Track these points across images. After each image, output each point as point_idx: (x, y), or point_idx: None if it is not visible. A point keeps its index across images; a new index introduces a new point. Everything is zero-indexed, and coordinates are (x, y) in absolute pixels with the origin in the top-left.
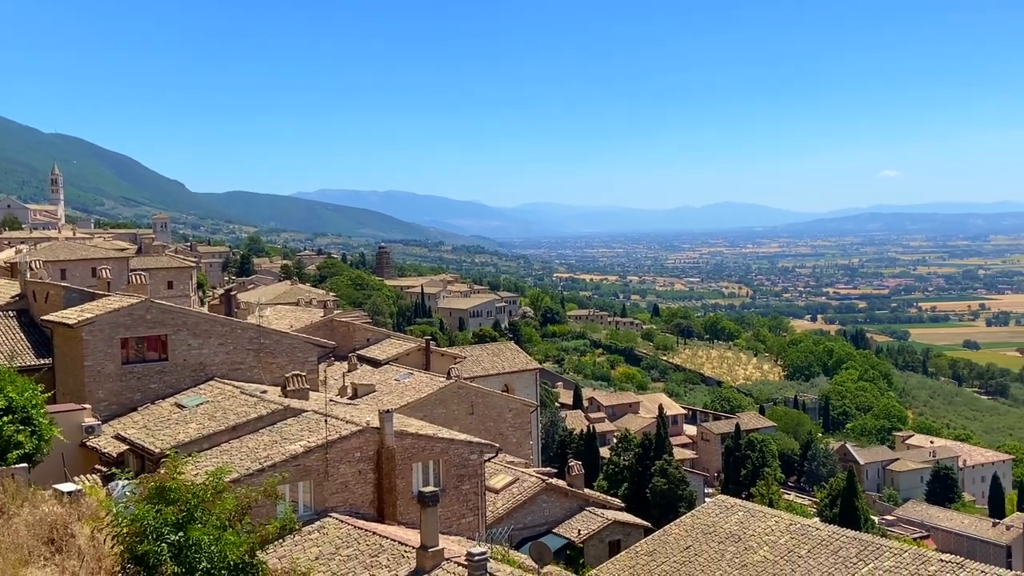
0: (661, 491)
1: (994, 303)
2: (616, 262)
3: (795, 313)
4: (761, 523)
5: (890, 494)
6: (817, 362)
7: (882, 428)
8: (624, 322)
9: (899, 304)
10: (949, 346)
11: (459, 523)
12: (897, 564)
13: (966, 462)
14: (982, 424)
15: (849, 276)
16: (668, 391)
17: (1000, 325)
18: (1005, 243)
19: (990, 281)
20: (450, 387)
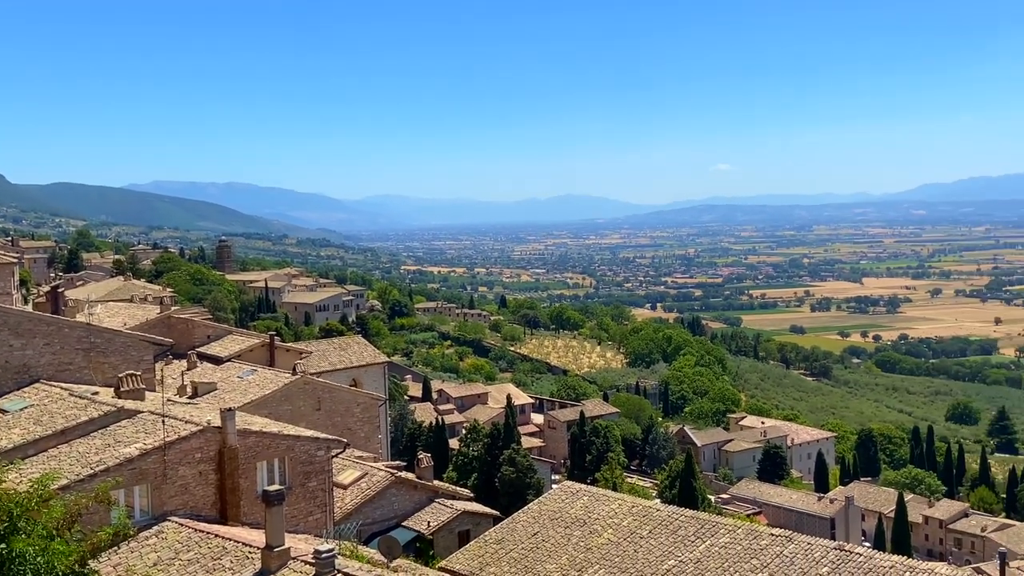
0: (510, 480)
1: (817, 289)
2: (464, 254)
3: (636, 302)
4: (605, 507)
5: (725, 473)
6: (657, 349)
7: (717, 411)
8: (472, 314)
9: (732, 292)
10: (778, 331)
11: (306, 521)
12: (732, 540)
13: (794, 441)
14: (808, 404)
15: (686, 266)
16: (516, 381)
17: (823, 310)
18: (826, 233)
19: (814, 269)
20: (296, 383)
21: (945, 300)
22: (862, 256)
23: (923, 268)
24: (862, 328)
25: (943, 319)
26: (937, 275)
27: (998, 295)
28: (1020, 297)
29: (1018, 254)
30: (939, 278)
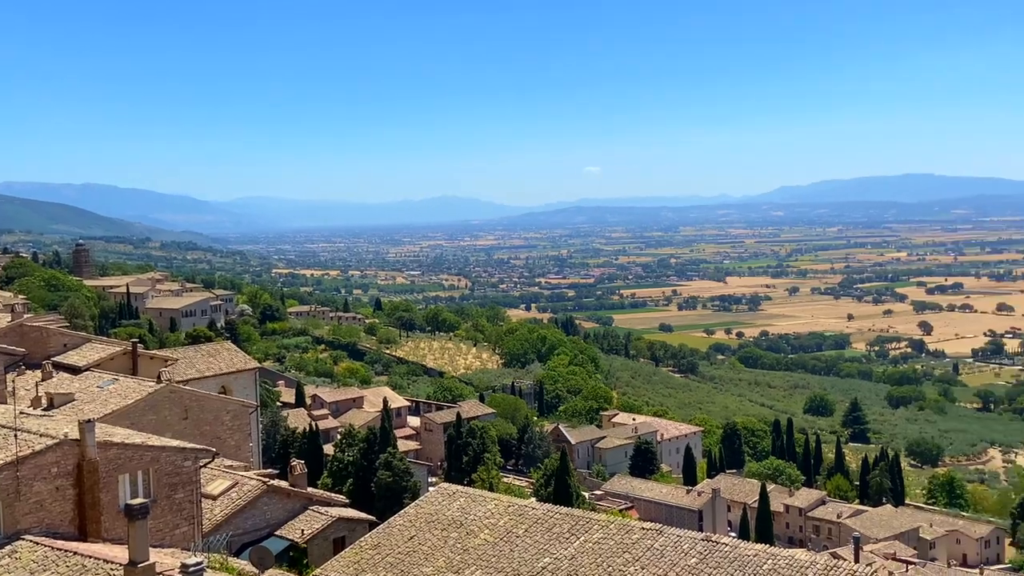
0: (386, 484)
1: (684, 289)
2: (338, 257)
3: (511, 303)
4: (482, 507)
5: (599, 470)
6: (532, 349)
7: (591, 409)
8: (347, 317)
9: (604, 292)
10: (647, 329)
11: (173, 534)
12: (604, 536)
13: (663, 436)
14: (676, 400)
15: (559, 267)
16: (392, 384)
17: (690, 309)
18: (692, 234)
19: (680, 269)
20: (161, 392)
21: (802, 298)
22: (725, 256)
23: (782, 267)
24: (726, 325)
25: (800, 316)
26: (794, 274)
27: (850, 292)
28: (869, 294)
29: (867, 253)
30: (796, 277)
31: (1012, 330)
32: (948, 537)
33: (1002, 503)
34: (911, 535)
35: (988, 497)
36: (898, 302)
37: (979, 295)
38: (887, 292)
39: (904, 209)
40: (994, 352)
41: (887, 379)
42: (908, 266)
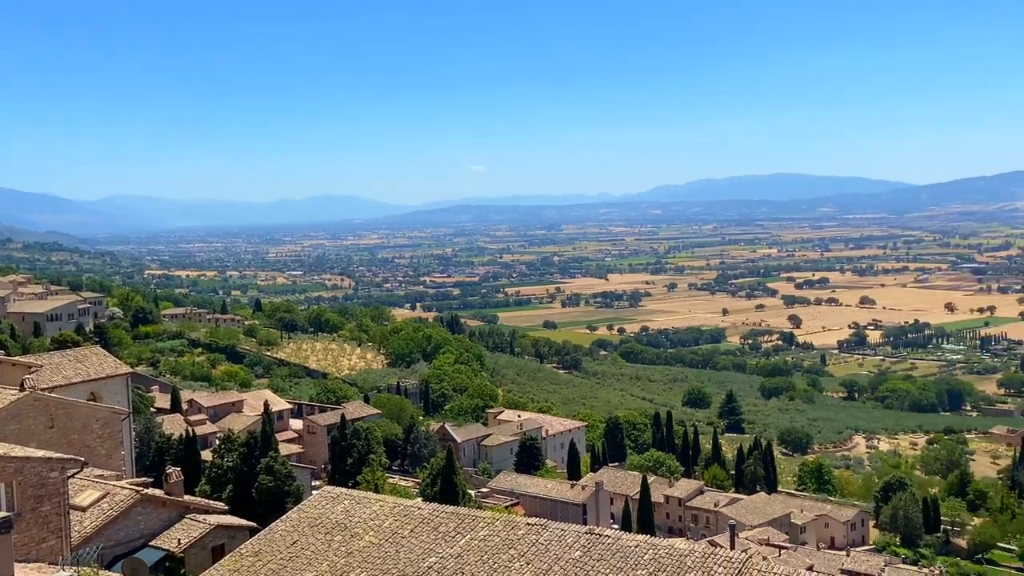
0: (267, 489)
1: (567, 286)
2: (215, 257)
3: (396, 302)
4: (366, 509)
5: (485, 468)
6: (417, 348)
7: (477, 407)
8: (225, 319)
9: (488, 290)
10: (532, 327)
11: (39, 548)
12: (490, 533)
13: (548, 432)
14: (561, 396)
15: (444, 265)
16: (273, 387)
17: (573, 306)
18: (575, 232)
19: (564, 267)
20: (24, 400)
21: (680, 294)
22: (607, 253)
23: (660, 264)
24: (608, 322)
25: (678, 311)
26: (673, 270)
27: (725, 288)
28: (743, 290)
29: (741, 250)
30: (674, 273)
31: (874, 322)
32: (817, 521)
33: (866, 487)
34: (783, 521)
35: (853, 482)
36: (770, 297)
37: (844, 289)
38: (759, 287)
39: (775, 207)
40: (858, 343)
41: (760, 371)
42: (779, 262)
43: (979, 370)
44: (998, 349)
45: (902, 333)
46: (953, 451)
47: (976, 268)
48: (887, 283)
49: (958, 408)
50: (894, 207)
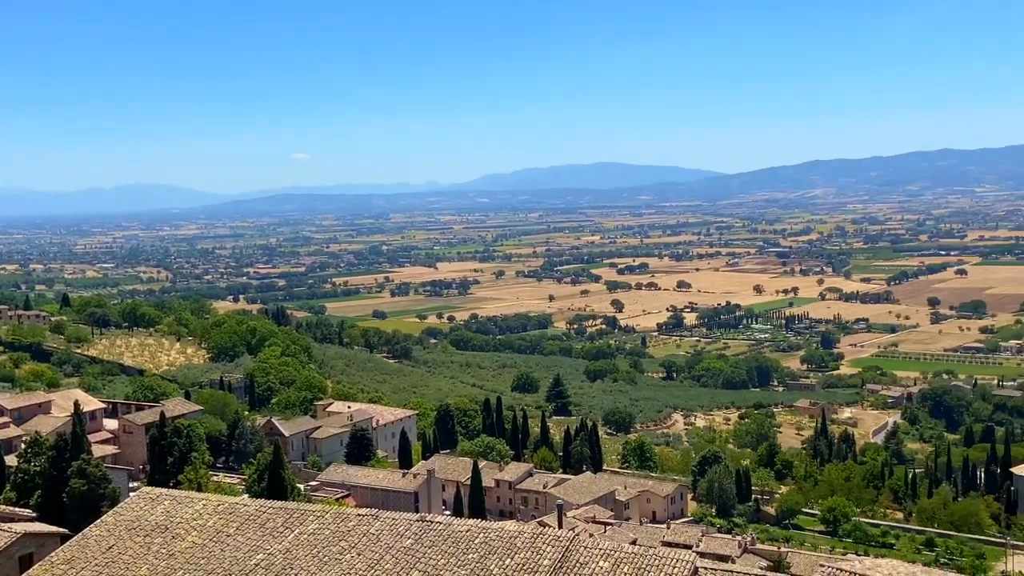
0: (80, 493)
1: (397, 275)
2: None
3: (218, 294)
4: (189, 509)
5: (314, 461)
6: (241, 342)
7: (305, 399)
8: (29, 315)
9: (315, 280)
10: (361, 317)
11: None
12: (320, 526)
13: (379, 422)
14: (391, 386)
15: (268, 256)
16: (84, 386)
17: (403, 295)
18: (403, 221)
19: (392, 256)
20: None
21: (508, 281)
22: (436, 242)
23: (488, 252)
24: (438, 310)
25: (506, 298)
26: (500, 258)
27: (551, 274)
28: (568, 276)
29: (565, 237)
30: (502, 261)
31: (690, 305)
32: (640, 497)
33: (684, 462)
34: (608, 498)
35: (673, 458)
36: (594, 282)
37: (662, 274)
38: (584, 273)
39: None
40: (675, 325)
41: (585, 355)
42: (602, 248)
43: (784, 348)
44: (801, 328)
45: (716, 315)
46: (762, 425)
47: (781, 252)
48: (701, 267)
49: (766, 384)
50: (707, 195)
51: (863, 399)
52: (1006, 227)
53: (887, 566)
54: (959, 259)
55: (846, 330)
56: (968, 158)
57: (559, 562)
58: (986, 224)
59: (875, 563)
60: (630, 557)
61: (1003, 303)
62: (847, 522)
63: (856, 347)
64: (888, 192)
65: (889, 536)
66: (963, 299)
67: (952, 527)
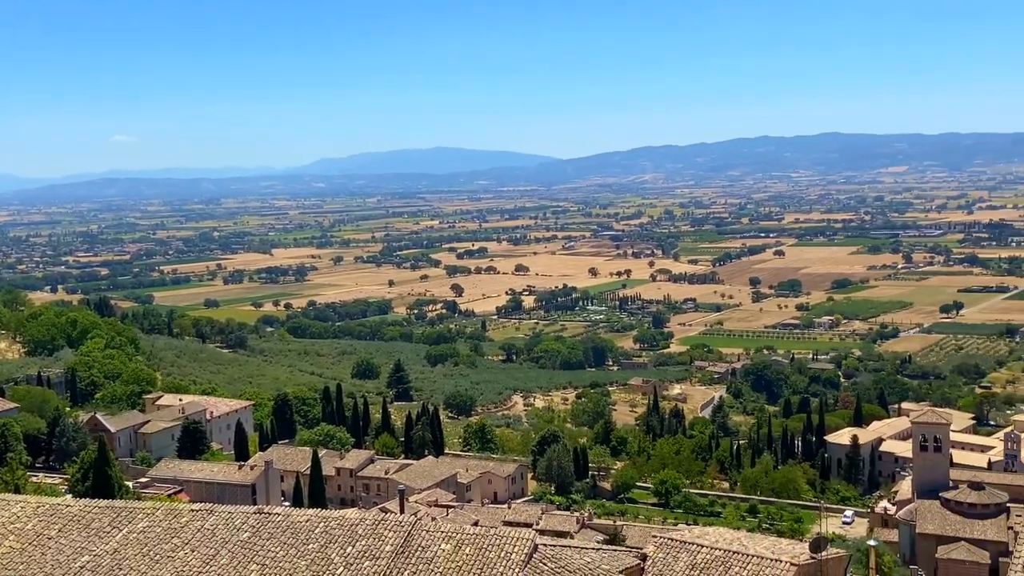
0: None
1: (230, 262)
2: None
3: (33, 285)
4: (5, 512)
5: (143, 457)
6: (61, 334)
7: (132, 393)
8: None
9: (142, 269)
10: (192, 306)
11: None
12: (151, 523)
13: (213, 414)
14: (226, 376)
15: (89, 243)
16: None
17: (236, 282)
18: (235, 206)
19: (225, 242)
20: None
21: (347, 266)
22: (270, 228)
23: (326, 237)
24: (274, 297)
25: (345, 284)
26: (338, 244)
27: (390, 260)
28: (408, 261)
29: (404, 222)
30: (340, 246)
31: (528, 288)
32: (481, 479)
33: (524, 443)
34: (450, 481)
35: (513, 439)
36: (433, 267)
37: (501, 258)
38: (423, 258)
39: (435, 180)
40: (514, 309)
41: (426, 339)
42: (441, 233)
43: (618, 328)
44: (634, 308)
45: (553, 297)
46: (598, 403)
47: (614, 235)
48: (539, 251)
49: (602, 364)
50: (543, 180)
51: (692, 375)
52: (819, 210)
53: (714, 533)
54: (777, 241)
55: (675, 310)
56: (785, 145)
57: (401, 547)
58: (801, 207)
59: (703, 531)
60: (471, 538)
61: (816, 282)
62: (678, 494)
63: (685, 326)
64: (712, 177)
65: (716, 505)
66: (781, 278)
67: (773, 494)
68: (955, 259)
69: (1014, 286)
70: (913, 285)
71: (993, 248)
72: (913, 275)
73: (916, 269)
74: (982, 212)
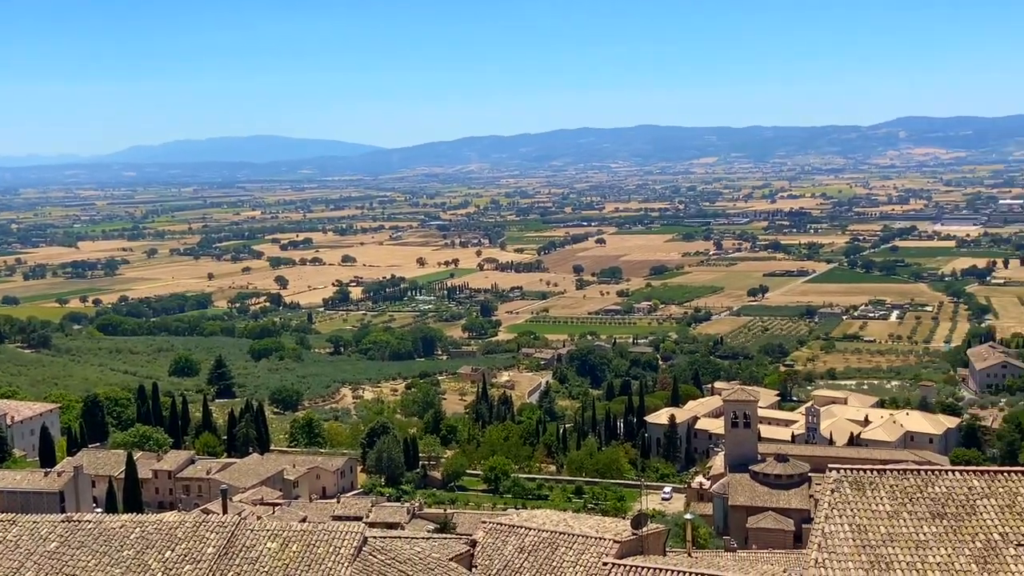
0: None
1: (30, 256)
2: None
3: None
4: None
5: None
6: None
7: None
8: None
9: None
10: None
11: None
12: None
13: (15, 419)
14: (28, 378)
15: None
16: None
17: (38, 278)
18: (36, 197)
19: (24, 235)
20: None
21: (161, 259)
22: (75, 219)
23: (138, 229)
24: (81, 293)
25: (161, 278)
26: (152, 236)
27: (209, 252)
28: (228, 253)
29: (224, 213)
30: (154, 239)
31: (356, 279)
32: (309, 474)
33: (354, 435)
34: (277, 478)
35: (342, 432)
36: (256, 259)
37: (327, 249)
38: (245, 250)
39: (256, 169)
40: (342, 300)
41: (249, 334)
42: (263, 224)
43: (447, 317)
44: (462, 298)
45: (381, 288)
46: (428, 393)
47: (441, 225)
48: (366, 241)
49: (431, 353)
50: (369, 169)
51: (519, 362)
52: (637, 199)
53: (541, 516)
54: (599, 229)
55: (503, 298)
56: (604, 136)
57: (224, 548)
58: (620, 197)
59: (531, 514)
60: (298, 535)
61: (635, 268)
62: (507, 479)
63: (512, 314)
64: (536, 167)
65: (544, 488)
66: (603, 266)
67: (597, 474)
68: (760, 245)
69: (812, 270)
70: (723, 270)
71: (794, 235)
72: (723, 261)
73: (726, 255)
74: (784, 201)
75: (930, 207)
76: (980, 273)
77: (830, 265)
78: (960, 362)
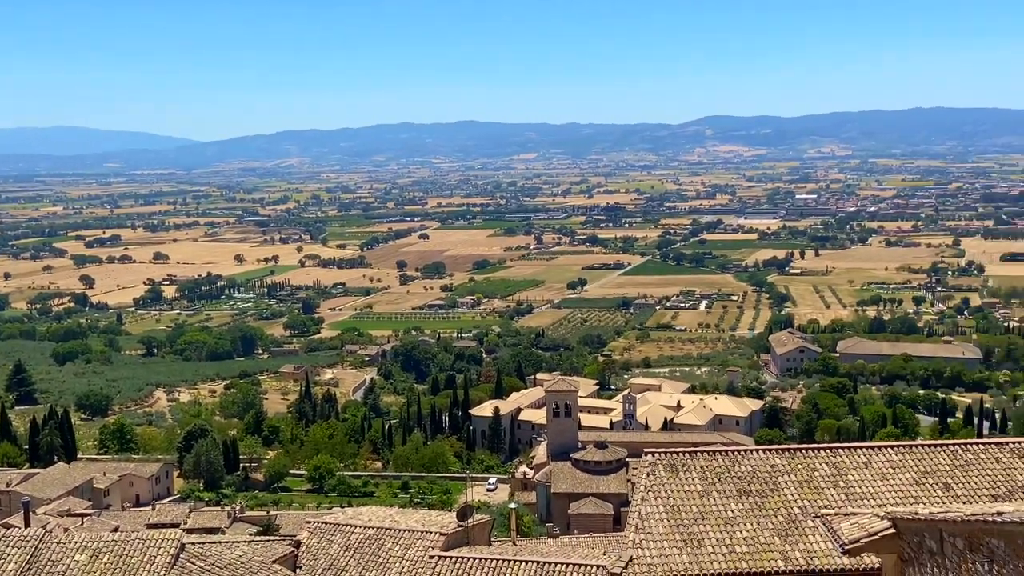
0: None
1: None
2: None
3: None
4: None
5: None
6: None
7: None
8: None
9: None
10: None
11: None
12: None
13: None
14: None
15: None
16: None
17: None
18: None
19: None
20: None
21: None
22: None
23: None
24: None
25: None
26: None
27: (5, 250)
28: (27, 251)
29: (22, 208)
30: None
31: (169, 277)
32: (121, 482)
33: (169, 440)
34: (85, 487)
35: (157, 436)
36: (58, 257)
37: (137, 246)
38: (45, 248)
39: (57, 162)
40: (154, 299)
41: (52, 336)
42: (65, 220)
43: (268, 315)
44: (283, 295)
45: (196, 286)
46: (249, 393)
47: (260, 221)
48: (179, 238)
49: (251, 353)
50: (182, 163)
51: (343, 359)
52: (459, 195)
53: (367, 513)
54: (421, 224)
55: (326, 295)
56: (425, 131)
57: (27, 564)
58: (443, 192)
59: (357, 512)
60: (110, 546)
61: (459, 263)
62: (332, 478)
63: (335, 311)
64: (358, 162)
65: (370, 485)
66: (426, 261)
67: (424, 469)
68: (579, 239)
69: (628, 263)
70: (544, 264)
71: (610, 229)
72: (544, 255)
73: (546, 249)
74: (600, 196)
75: (734, 202)
76: (780, 264)
77: (644, 258)
78: (763, 348)
